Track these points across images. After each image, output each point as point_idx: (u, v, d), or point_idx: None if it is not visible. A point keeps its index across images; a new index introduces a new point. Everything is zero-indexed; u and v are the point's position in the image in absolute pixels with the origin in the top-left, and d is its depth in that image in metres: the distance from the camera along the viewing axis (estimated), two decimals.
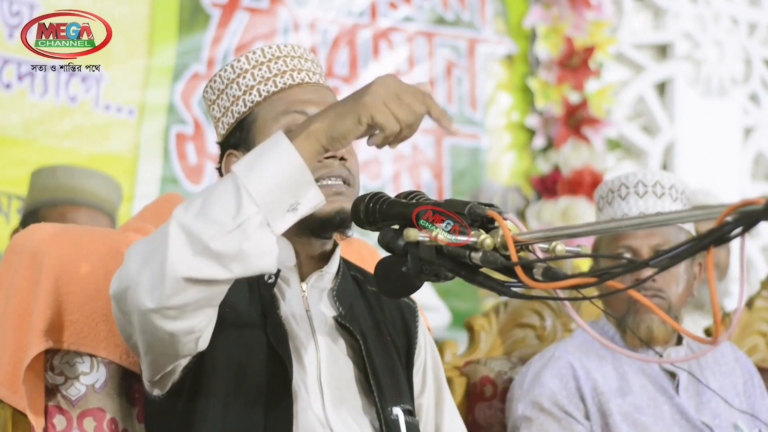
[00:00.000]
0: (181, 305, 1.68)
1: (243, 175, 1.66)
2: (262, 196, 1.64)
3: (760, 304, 3.19)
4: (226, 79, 2.03)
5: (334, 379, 1.94)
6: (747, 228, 1.44)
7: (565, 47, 5.51)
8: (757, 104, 6.14)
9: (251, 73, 2.01)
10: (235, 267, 1.65)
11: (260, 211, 1.64)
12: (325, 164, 1.92)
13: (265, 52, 2.02)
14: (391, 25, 5.23)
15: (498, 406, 2.74)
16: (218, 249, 1.63)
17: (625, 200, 2.64)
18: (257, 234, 1.64)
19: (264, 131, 1.97)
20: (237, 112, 2.01)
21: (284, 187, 1.66)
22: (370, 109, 1.68)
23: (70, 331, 2.02)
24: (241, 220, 1.63)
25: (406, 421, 1.96)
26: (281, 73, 2.01)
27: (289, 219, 1.68)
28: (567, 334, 2.90)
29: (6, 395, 2.02)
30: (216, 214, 1.64)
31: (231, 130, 2.02)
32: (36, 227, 2.12)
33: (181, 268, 1.64)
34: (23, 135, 4.20)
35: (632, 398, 2.57)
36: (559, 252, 1.67)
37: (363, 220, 1.87)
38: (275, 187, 1.65)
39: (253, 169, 1.66)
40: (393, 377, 2.01)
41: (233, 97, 2.02)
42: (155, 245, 1.68)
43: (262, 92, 2.00)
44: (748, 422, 2.63)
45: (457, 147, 5.34)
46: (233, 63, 2.03)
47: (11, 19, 4.17)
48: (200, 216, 1.65)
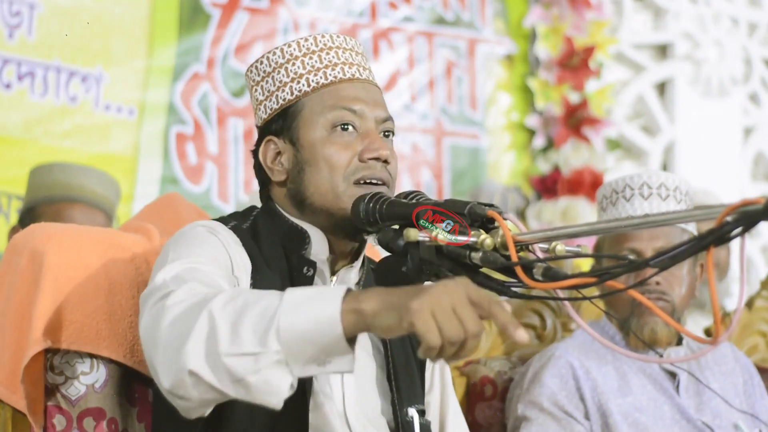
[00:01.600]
0: (187, 397, 1.64)
1: (285, 309, 1.58)
2: (288, 341, 1.56)
3: (760, 304, 3.19)
4: (275, 63, 2.00)
5: (357, 378, 1.93)
6: (747, 228, 1.44)
7: (565, 47, 5.51)
8: (757, 104, 6.14)
9: (301, 60, 1.98)
10: (238, 390, 1.60)
11: (281, 351, 1.56)
12: (369, 165, 1.92)
13: (317, 41, 1.99)
14: (391, 25, 5.23)
15: (498, 406, 2.74)
16: (228, 366, 1.58)
17: (629, 202, 2.63)
18: (269, 371, 1.57)
19: (310, 123, 1.95)
20: (282, 98, 1.98)
21: (315, 344, 1.56)
22: (413, 315, 1.51)
23: (70, 330, 2.02)
24: (260, 350, 1.57)
25: (420, 423, 1.96)
26: (332, 65, 1.98)
27: (312, 370, 1.59)
28: (567, 334, 2.90)
29: (6, 395, 2.02)
30: (243, 333, 1.58)
31: (274, 115, 1.99)
32: (36, 227, 2.12)
33: (193, 363, 1.60)
34: (23, 135, 4.20)
35: (632, 398, 2.57)
36: (559, 252, 1.67)
37: (363, 220, 1.87)
38: (305, 339, 1.56)
39: (295, 310, 1.58)
40: (410, 377, 2.01)
41: (280, 82, 1.99)
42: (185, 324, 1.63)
43: (311, 82, 1.97)
44: (748, 422, 2.63)
45: (457, 147, 5.34)
46: (283, 47, 1.99)
47: (11, 19, 4.17)
48: (231, 324, 1.59)
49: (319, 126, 1.95)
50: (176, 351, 1.61)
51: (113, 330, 2.04)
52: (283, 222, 1.97)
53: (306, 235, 1.95)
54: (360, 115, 1.95)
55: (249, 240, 1.94)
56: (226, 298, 1.62)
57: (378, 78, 2.07)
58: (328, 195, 1.93)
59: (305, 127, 1.95)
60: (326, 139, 1.94)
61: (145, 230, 2.23)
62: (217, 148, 4.68)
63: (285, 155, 1.98)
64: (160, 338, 1.65)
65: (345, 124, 1.94)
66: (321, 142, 1.94)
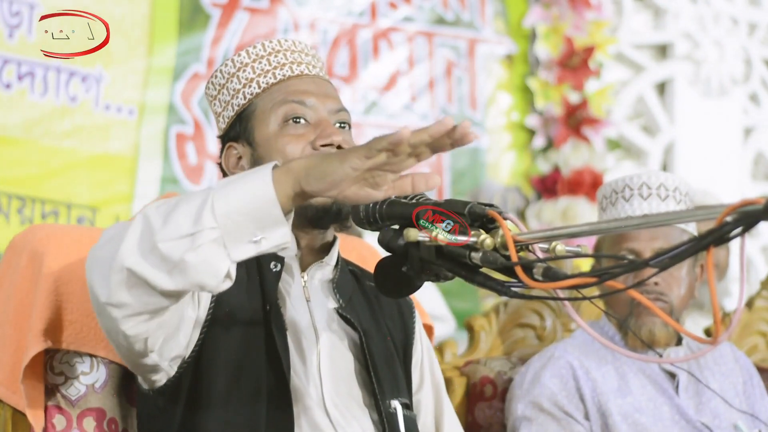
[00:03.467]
0: (124, 303, 1.65)
1: (216, 189, 1.61)
2: (223, 215, 1.58)
3: (760, 304, 3.19)
4: (227, 74, 2.04)
5: (333, 370, 1.94)
6: (747, 228, 1.44)
7: (565, 47, 5.51)
8: (757, 104, 6.14)
9: (251, 66, 2.02)
10: (175, 276, 1.59)
11: (218, 227, 1.57)
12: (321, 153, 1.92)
13: (265, 47, 2.03)
14: (391, 25, 5.23)
15: (498, 406, 2.74)
16: (163, 251, 1.59)
17: (628, 202, 2.63)
18: (207, 249, 1.57)
19: (262, 121, 1.98)
20: (237, 104, 2.02)
21: (249, 216, 1.58)
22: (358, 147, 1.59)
23: (70, 331, 2.02)
24: (195, 230, 1.58)
25: (404, 415, 1.96)
26: (280, 65, 2.02)
27: (249, 250, 1.60)
28: (567, 334, 2.90)
29: (6, 395, 2.02)
30: (177, 218, 1.60)
31: (231, 123, 2.03)
32: (36, 227, 2.12)
33: (128, 259, 1.61)
34: (23, 135, 4.20)
35: (632, 399, 2.57)
36: (559, 252, 1.67)
37: (363, 220, 1.87)
38: (239, 211, 1.58)
39: (226, 187, 1.61)
40: (391, 371, 2.01)
41: (233, 90, 2.03)
42: (119, 231, 1.66)
43: (262, 84, 2.01)
44: (748, 422, 2.63)
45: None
46: (234, 58, 2.04)
47: (11, 19, 4.17)
48: (165, 215, 1.62)
49: (271, 122, 1.98)
50: (111, 257, 1.62)
51: None
52: None
53: None
54: (311, 107, 1.98)
55: None
56: (157, 202, 1.66)
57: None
58: None
59: (259, 126, 1.99)
60: (278, 133, 1.97)
61: None
62: (217, 148, 4.68)
63: (245, 158, 2.01)
64: (95, 256, 1.67)
65: (297, 117, 1.97)
66: (274, 136, 1.97)
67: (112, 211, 4.35)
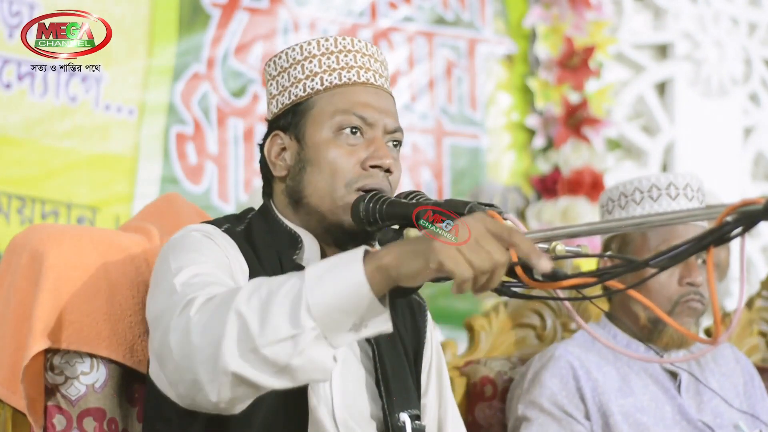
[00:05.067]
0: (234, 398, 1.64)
1: (307, 282, 1.58)
2: (321, 314, 1.57)
3: (760, 304, 3.19)
4: (292, 59, 2.00)
5: (345, 382, 1.93)
6: (747, 228, 1.44)
7: (565, 47, 5.51)
8: (757, 104, 6.14)
9: (319, 59, 1.98)
10: (283, 378, 1.60)
11: (317, 327, 1.57)
12: (371, 174, 1.92)
13: (337, 42, 1.99)
14: (391, 25, 5.23)
15: (498, 406, 2.74)
16: (268, 356, 1.58)
17: (639, 205, 2.63)
18: (311, 349, 1.57)
19: (318, 122, 1.95)
20: (295, 94, 1.98)
21: (347, 312, 1.57)
22: (439, 254, 1.53)
23: (70, 330, 2.02)
24: (296, 332, 1.57)
25: (413, 427, 1.95)
26: (348, 67, 1.98)
27: (351, 337, 1.60)
28: (567, 334, 2.90)
29: (6, 395, 2.02)
30: (274, 320, 1.58)
31: (284, 110, 1.99)
32: (36, 227, 2.12)
33: (232, 364, 1.59)
34: (23, 135, 4.20)
35: (633, 399, 2.57)
36: (559, 252, 1.68)
37: (363, 220, 1.87)
38: (337, 309, 1.57)
39: (318, 283, 1.58)
40: (402, 382, 2.00)
41: (295, 78, 1.99)
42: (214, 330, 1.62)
43: (325, 81, 1.97)
44: (748, 422, 2.63)
45: (457, 147, 5.34)
46: (303, 45, 2.00)
47: (11, 19, 4.17)
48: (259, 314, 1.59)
49: (326, 127, 1.94)
50: (213, 360, 1.60)
51: (113, 330, 2.04)
52: (278, 225, 1.97)
53: (299, 240, 1.95)
54: (368, 122, 1.95)
55: (244, 243, 1.93)
56: (247, 292, 1.62)
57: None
58: (325, 198, 1.92)
59: (312, 126, 1.96)
60: (331, 141, 1.94)
61: (145, 230, 2.23)
62: (217, 148, 4.68)
63: (289, 151, 1.98)
64: (195, 353, 1.63)
65: (354, 128, 1.94)
66: (326, 143, 1.94)
67: (112, 211, 4.35)
